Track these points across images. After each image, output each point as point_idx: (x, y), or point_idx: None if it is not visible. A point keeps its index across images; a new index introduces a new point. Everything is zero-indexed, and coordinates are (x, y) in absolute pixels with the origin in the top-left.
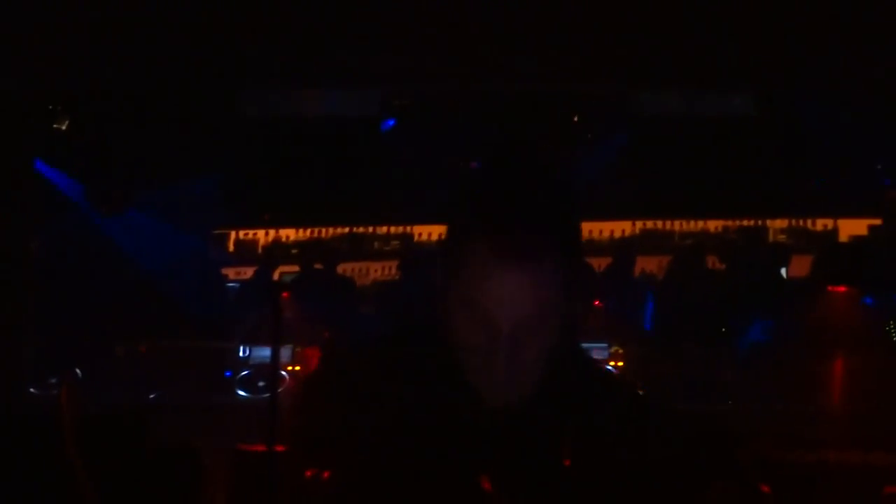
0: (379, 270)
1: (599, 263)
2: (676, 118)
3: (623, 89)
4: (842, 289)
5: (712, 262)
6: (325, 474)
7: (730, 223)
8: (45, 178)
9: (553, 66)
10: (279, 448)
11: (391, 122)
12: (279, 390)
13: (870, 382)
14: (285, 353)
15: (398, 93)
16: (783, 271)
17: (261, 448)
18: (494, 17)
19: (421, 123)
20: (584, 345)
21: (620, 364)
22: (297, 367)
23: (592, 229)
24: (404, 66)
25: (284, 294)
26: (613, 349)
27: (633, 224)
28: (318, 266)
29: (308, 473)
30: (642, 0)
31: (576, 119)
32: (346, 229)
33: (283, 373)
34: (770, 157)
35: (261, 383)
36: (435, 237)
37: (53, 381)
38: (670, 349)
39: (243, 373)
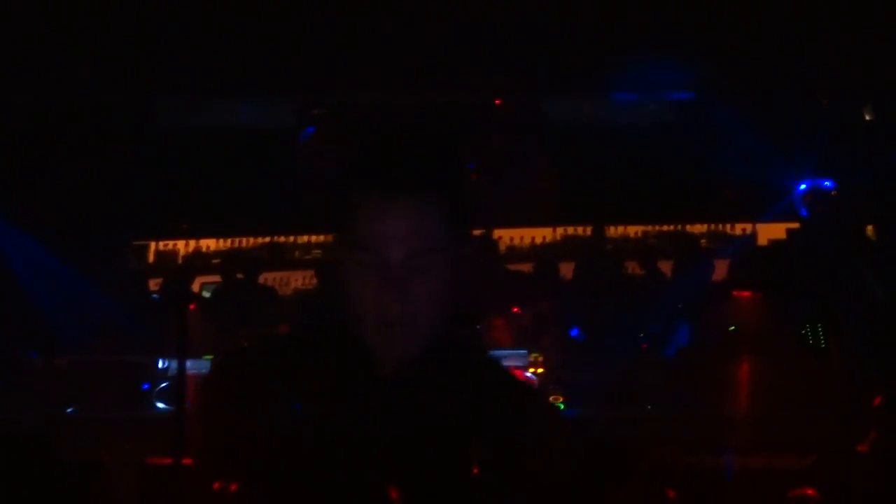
0: (300, 279)
1: (521, 270)
2: (594, 126)
3: (539, 98)
4: (747, 294)
5: (632, 267)
6: (233, 486)
7: (650, 228)
8: None
9: (469, 76)
10: (187, 461)
11: (310, 130)
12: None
13: (776, 386)
14: (204, 364)
15: (315, 102)
16: (704, 276)
17: (168, 461)
18: (408, 27)
19: (338, 132)
20: (503, 352)
21: (540, 371)
22: None
23: (514, 236)
24: (320, 76)
25: (191, 306)
26: (533, 356)
27: (554, 230)
28: (239, 276)
29: (216, 486)
30: (554, 9)
31: (493, 127)
32: (267, 239)
33: None
34: (687, 163)
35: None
36: None
37: None
38: (590, 355)
39: (162, 385)
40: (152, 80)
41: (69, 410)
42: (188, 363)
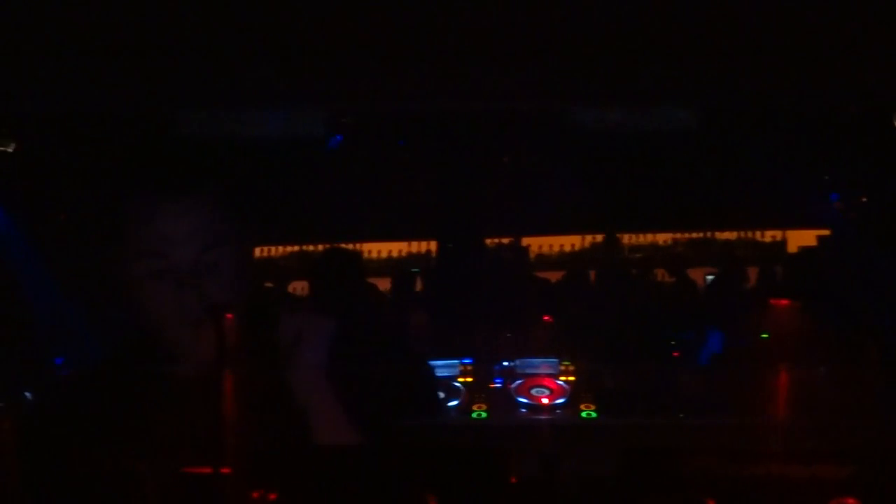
0: None
1: (551, 278)
2: (620, 133)
3: (567, 105)
4: (785, 302)
5: (661, 274)
6: (272, 495)
7: (679, 236)
8: None
9: (497, 83)
10: (225, 470)
11: (339, 139)
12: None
13: (815, 394)
14: None
15: (343, 111)
16: (737, 283)
17: (207, 470)
18: (438, 34)
19: (368, 140)
20: (533, 360)
21: (571, 379)
22: None
23: (542, 244)
24: (349, 85)
25: (228, 315)
26: (563, 365)
27: (583, 238)
28: (268, 285)
29: (255, 495)
30: (583, 16)
31: (521, 135)
32: (296, 248)
33: None
34: (717, 170)
35: None
36: (385, 254)
37: (1, 405)
38: (621, 363)
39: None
40: (175, 89)
41: None
42: None
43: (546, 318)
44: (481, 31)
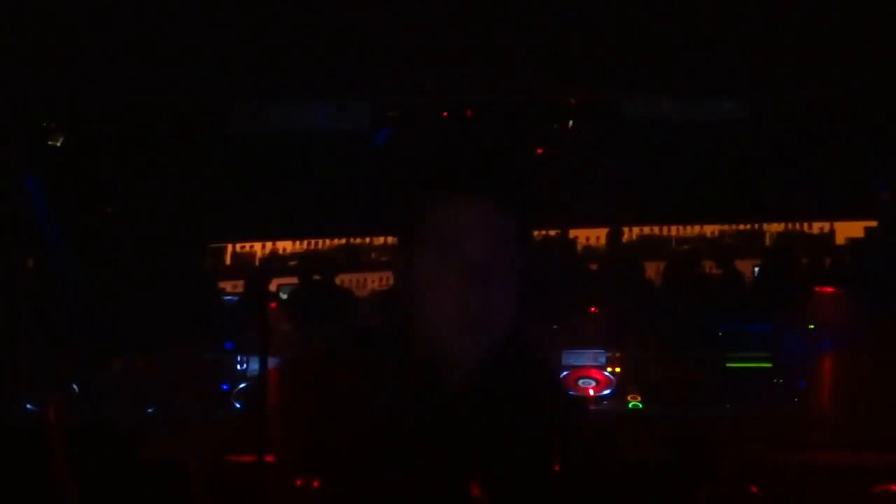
0: (376, 281)
1: (599, 269)
2: (670, 124)
3: (615, 96)
4: (830, 289)
5: (709, 266)
6: (315, 483)
7: (726, 228)
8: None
9: (545, 74)
10: (269, 458)
11: (385, 133)
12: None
13: (858, 383)
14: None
15: (389, 104)
16: (781, 274)
17: (250, 458)
18: (485, 26)
19: (414, 134)
20: (581, 350)
21: (617, 370)
22: None
23: (589, 235)
24: (395, 78)
25: (272, 304)
26: (610, 354)
27: (630, 230)
28: (316, 277)
29: (298, 482)
30: (632, 6)
31: (569, 126)
32: (343, 241)
33: None
34: (765, 161)
35: None
36: None
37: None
38: (667, 354)
39: (241, 385)
40: (224, 83)
41: (149, 411)
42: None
43: (593, 308)
44: (527, 24)
